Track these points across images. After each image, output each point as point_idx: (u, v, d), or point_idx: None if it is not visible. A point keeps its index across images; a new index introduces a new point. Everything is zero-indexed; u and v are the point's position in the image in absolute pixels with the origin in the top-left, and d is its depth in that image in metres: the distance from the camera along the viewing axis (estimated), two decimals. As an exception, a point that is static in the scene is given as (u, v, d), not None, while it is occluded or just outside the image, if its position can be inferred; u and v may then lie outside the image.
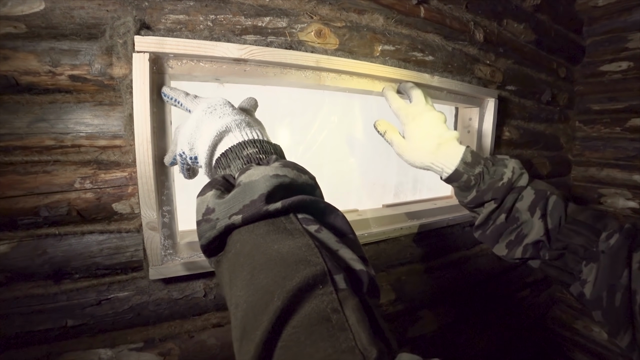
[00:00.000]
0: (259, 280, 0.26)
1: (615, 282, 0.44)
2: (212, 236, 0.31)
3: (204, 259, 0.59)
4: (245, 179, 0.33)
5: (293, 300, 0.23)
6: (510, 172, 0.55)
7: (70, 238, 0.53)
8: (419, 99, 0.62)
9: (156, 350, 0.59)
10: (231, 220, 0.30)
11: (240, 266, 0.28)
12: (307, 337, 0.22)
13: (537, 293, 1.44)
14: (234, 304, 0.27)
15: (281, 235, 0.29)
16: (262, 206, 0.30)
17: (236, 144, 0.39)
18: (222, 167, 0.39)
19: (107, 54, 0.52)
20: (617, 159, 1.36)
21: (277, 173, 0.33)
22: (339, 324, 0.22)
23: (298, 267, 0.25)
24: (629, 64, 1.29)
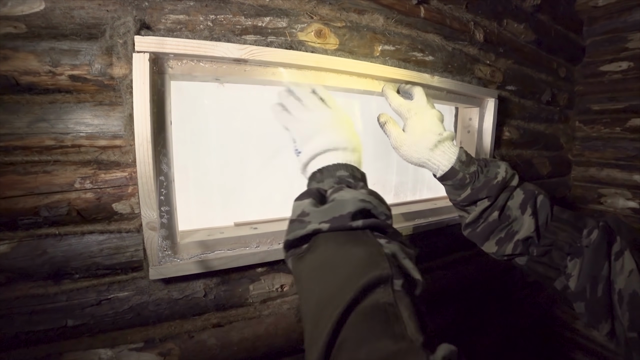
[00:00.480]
0: (338, 275, 0.33)
1: (597, 274, 0.48)
2: (300, 234, 0.38)
3: (204, 259, 0.59)
4: (338, 197, 0.40)
5: (361, 295, 0.30)
6: (503, 172, 0.57)
7: (70, 238, 0.53)
8: (420, 96, 0.64)
9: (156, 350, 0.59)
10: (320, 225, 0.38)
11: (322, 264, 0.35)
12: (367, 322, 0.29)
13: (538, 293, 1.44)
14: (314, 293, 0.33)
15: (358, 243, 0.36)
16: (347, 221, 0.37)
17: (332, 165, 0.47)
18: (317, 180, 0.47)
19: (107, 54, 0.52)
20: (617, 159, 1.36)
21: (364, 199, 0.40)
22: (394, 315, 0.29)
23: (369, 269, 0.32)
24: (629, 64, 1.29)
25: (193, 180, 0.68)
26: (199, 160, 0.68)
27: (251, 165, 0.74)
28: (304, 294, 0.36)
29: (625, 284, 0.45)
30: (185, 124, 0.65)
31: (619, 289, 0.46)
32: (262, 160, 0.75)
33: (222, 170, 0.71)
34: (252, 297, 0.68)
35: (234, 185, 0.73)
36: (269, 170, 0.76)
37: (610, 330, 0.47)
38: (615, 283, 0.46)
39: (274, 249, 0.66)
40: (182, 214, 0.62)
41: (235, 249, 0.64)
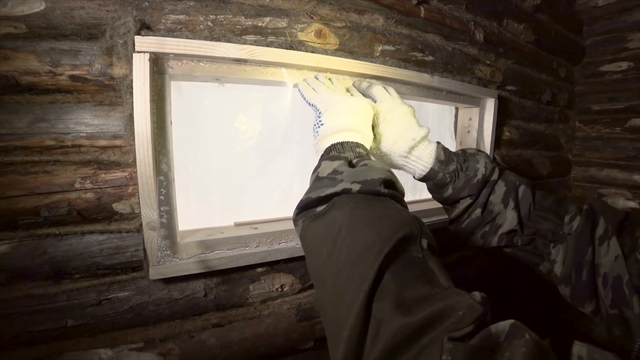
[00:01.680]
0: (374, 227, 0.34)
1: (582, 260, 0.50)
2: (328, 192, 0.39)
3: (204, 259, 0.59)
4: (370, 164, 0.42)
5: (397, 246, 0.32)
6: (483, 167, 0.57)
7: (70, 238, 0.53)
8: (382, 97, 0.59)
9: (156, 350, 0.60)
10: (351, 185, 0.39)
11: (355, 217, 0.36)
12: (406, 269, 0.31)
13: (537, 293, 1.44)
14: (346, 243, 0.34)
15: (386, 205, 0.38)
16: (377, 185, 0.39)
17: (353, 141, 0.50)
18: (337, 151, 0.48)
19: (107, 54, 0.52)
20: (617, 159, 1.36)
21: (390, 170, 0.43)
22: (426, 267, 0.32)
23: (403, 225, 0.35)
24: (629, 64, 1.29)
25: (193, 180, 0.68)
26: (199, 160, 0.68)
27: (251, 165, 0.74)
28: (325, 250, 0.36)
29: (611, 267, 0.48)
30: (185, 124, 0.65)
31: (604, 272, 0.48)
32: (262, 159, 0.75)
33: (222, 170, 0.71)
34: (252, 297, 0.69)
35: (234, 185, 0.73)
36: (269, 170, 0.76)
37: (594, 308, 0.50)
38: (601, 266, 0.49)
39: (274, 248, 0.66)
40: (182, 214, 0.63)
41: (235, 248, 0.64)
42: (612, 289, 0.47)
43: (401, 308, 0.27)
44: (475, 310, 0.27)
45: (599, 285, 0.49)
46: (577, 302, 0.51)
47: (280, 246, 0.67)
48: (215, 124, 0.69)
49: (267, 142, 0.75)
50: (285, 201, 0.79)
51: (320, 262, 0.36)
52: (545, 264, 0.55)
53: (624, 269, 0.46)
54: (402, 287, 0.29)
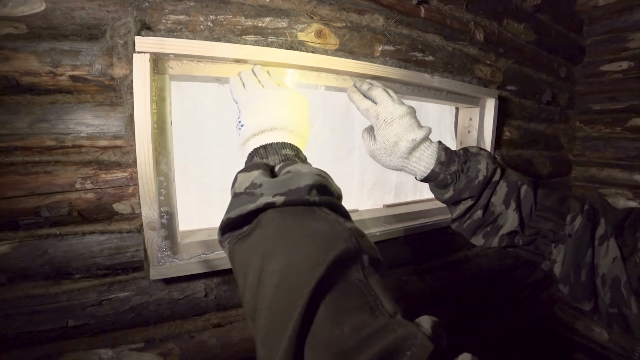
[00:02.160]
0: (302, 249, 0.29)
1: (581, 261, 0.50)
2: (249, 209, 0.34)
3: (205, 259, 0.59)
4: (294, 170, 0.37)
5: (331, 270, 0.27)
6: (484, 168, 0.56)
7: (70, 238, 0.53)
8: (383, 98, 0.58)
9: (157, 350, 0.60)
10: (274, 199, 0.34)
11: (280, 238, 0.31)
12: (343, 297, 0.27)
13: (538, 293, 1.44)
14: (269, 271, 0.29)
15: (317, 218, 0.33)
16: (304, 194, 0.34)
17: (277, 142, 0.44)
18: (260, 156, 0.44)
19: (107, 55, 0.52)
20: (618, 159, 1.36)
21: (320, 174, 0.38)
22: (367, 291, 0.27)
23: (337, 242, 0.30)
24: (630, 63, 1.29)
25: (193, 181, 0.68)
26: (199, 160, 0.68)
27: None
28: (251, 278, 0.31)
29: (609, 269, 0.48)
30: (186, 124, 0.65)
31: (602, 273, 0.49)
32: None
33: (222, 170, 0.71)
34: (253, 297, 0.68)
35: (234, 185, 0.73)
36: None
37: (593, 306, 0.50)
38: (599, 267, 0.49)
39: (274, 249, 0.66)
40: (182, 214, 0.62)
41: (235, 249, 0.64)
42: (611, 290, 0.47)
43: (339, 355, 0.23)
44: (424, 348, 0.22)
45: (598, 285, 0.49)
46: (576, 300, 0.52)
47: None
48: (216, 124, 0.69)
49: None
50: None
51: (248, 294, 0.31)
52: (547, 262, 0.55)
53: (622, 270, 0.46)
54: (339, 325, 0.25)
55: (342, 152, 0.86)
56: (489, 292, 1.19)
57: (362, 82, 0.66)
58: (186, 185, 0.66)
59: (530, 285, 1.39)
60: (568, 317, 1.53)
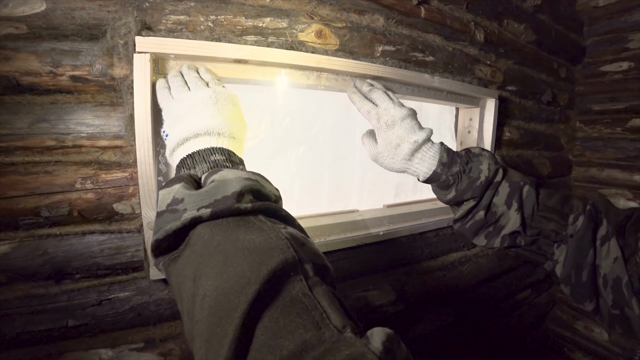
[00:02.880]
0: (232, 267, 0.26)
1: (582, 262, 0.50)
2: (174, 228, 0.30)
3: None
4: (219, 177, 0.33)
5: (268, 284, 0.25)
6: (486, 169, 0.56)
7: (71, 238, 0.53)
8: (383, 101, 0.58)
9: (157, 350, 0.60)
10: (199, 212, 0.30)
11: (209, 256, 0.28)
12: (284, 317, 0.24)
13: (538, 293, 1.44)
14: (200, 295, 0.26)
15: (251, 228, 0.30)
16: (233, 203, 0.31)
17: (204, 149, 0.40)
18: (187, 167, 0.40)
19: (108, 55, 0.52)
20: (618, 160, 1.36)
21: (249, 177, 0.34)
22: (312, 305, 0.25)
23: (272, 254, 0.27)
24: (630, 64, 1.29)
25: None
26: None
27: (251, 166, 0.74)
28: (186, 302, 0.28)
29: (610, 269, 0.48)
30: (186, 125, 0.65)
31: (604, 273, 0.49)
32: (262, 159, 0.75)
33: (222, 171, 0.71)
34: (253, 298, 0.68)
35: (234, 185, 0.73)
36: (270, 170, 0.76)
37: (595, 307, 0.50)
38: (601, 267, 0.49)
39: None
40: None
41: (235, 249, 0.64)
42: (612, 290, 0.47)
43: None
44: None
45: (600, 285, 0.49)
46: (578, 301, 0.52)
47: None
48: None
49: (267, 143, 0.75)
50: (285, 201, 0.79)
51: (184, 318, 0.28)
52: (549, 263, 0.55)
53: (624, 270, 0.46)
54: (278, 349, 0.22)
55: (342, 153, 0.86)
56: (489, 292, 1.18)
57: (362, 83, 0.65)
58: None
59: (530, 286, 1.39)
60: (568, 317, 1.52)
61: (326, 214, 0.83)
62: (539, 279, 1.43)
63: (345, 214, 0.84)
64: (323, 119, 0.81)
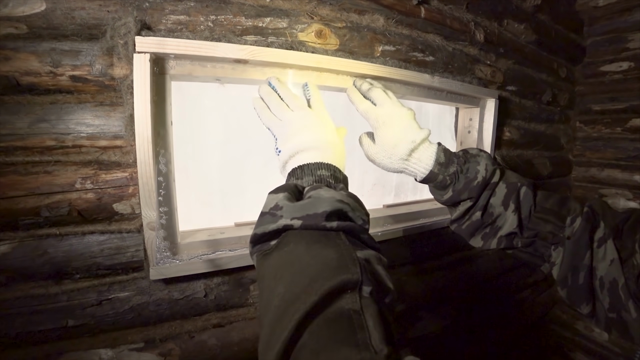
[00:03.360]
0: (303, 276, 0.31)
1: (579, 264, 0.50)
2: (269, 229, 0.36)
3: (205, 259, 0.59)
4: (315, 195, 0.38)
5: (325, 298, 0.28)
6: (483, 170, 0.56)
7: (71, 238, 0.53)
8: (382, 100, 0.58)
9: (157, 350, 0.60)
10: (292, 222, 0.35)
11: (290, 263, 0.33)
12: (329, 328, 0.27)
13: (538, 293, 1.44)
14: (276, 293, 0.31)
15: (329, 245, 0.34)
16: (321, 220, 0.35)
17: (313, 163, 0.46)
18: (296, 177, 0.45)
19: (108, 55, 0.52)
20: (618, 159, 1.36)
21: (341, 199, 0.38)
22: (358, 323, 0.27)
23: (338, 272, 0.30)
24: (630, 64, 1.29)
25: (194, 181, 0.68)
26: (199, 160, 0.68)
27: (252, 165, 0.74)
28: (265, 294, 0.33)
29: (607, 271, 0.47)
30: (186, 124, 0.65)
31: (600, 276, 0.48)
32: (262, 160, 0.75)
33: (222, 170, 0.71)
34: (253, 298, 0.68)
35: (234, 185, 0.73)
36: (270, 170, 0.76)
37: (590, 310, 0.50)
38: (597, 270, 0.49)
39: (274, 249, 0.66)
40: (182, 214, 0.63)
41: (236, 249, 0.64)
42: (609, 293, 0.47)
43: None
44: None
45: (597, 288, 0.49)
46: (574, 304, 0.51)
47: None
48: (216, 124, 0.69)
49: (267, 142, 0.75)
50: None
51: (261, 307, 0.34)
52: (546, 265, 0.55)
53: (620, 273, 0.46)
54: (317, 354, 0.25)
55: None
56: (489, 293, 1.18)
57: (362, 81, 0.65)
58: (186, 185, 0.66)
59: (530, 286, 1.39)
60: (568, 318, 1.52)
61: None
62: (539, 279, 1.43)
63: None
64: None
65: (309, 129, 0.48)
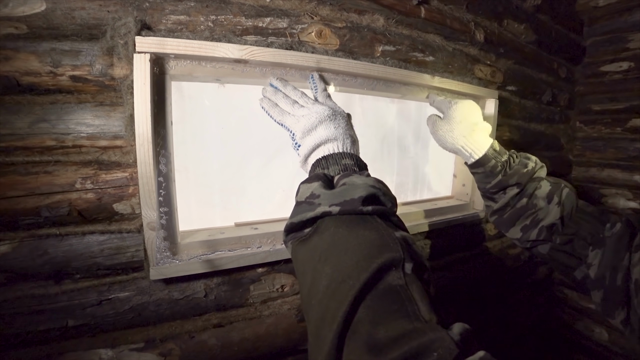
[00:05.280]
0: (350, 255, 0.33)
1: (618, 264, 0.49)
2: (308, 217, 0.38)
3: (205, 259, 0.59)
4: (349, 182, 0.41)
5: (375, 276, 0.30)
6: (533, 163, 0.62)
7: (71, 238, 0.53)
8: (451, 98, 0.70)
9: (157, 350, 0.60)
10: (330, 208, 0.38)
11: (334, 244, 0.35)
12: (382, 301, 0.29)
13: (539, 294, 1.44)
14: (324, 273, 0.33)
15: (369, 227, 0.36)
16: (358, 205, 0.37)
17: (337, 153, 0.48)
18: (322, 167, 0.47)
19: (108, 55, 0.52)
20: (618, 160, 1.36)
21: (374, 185, 0.41)
22: (407, 296, 0.30)
23: (382, 251, 0.33)
24: (630, 64, 1.29)
25: (194, 181, 0.68)
26: (199, 160, 0.68)
27: (252, 165, 0.74)
28: (308, 276, 0.35)
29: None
30: (186, 124, 0.65)
31: (635, 279, 0.47)
32: (262, 160, 0.75)
33: (222, 171, 0.71)
34: (253, 298, 0.69)
35: (234, 185, 0.73)
36: (270, 170, 0.76)
37: (625, 317, 0.49)
38: (632, 273, 0.48)
39: (274, 249, 0.66)
40: (182, 215, 0.63)
41: (236, 249, 0.64)
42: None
43: (373, 350, 0.26)
44: (450, 351, 0.24)
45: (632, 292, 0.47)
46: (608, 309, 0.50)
47: (281, 247, 0.67)
48: (216, 124, 0.69)
49: (268, 142, 0.75)
50: (286, 201, 0.79)
51: (305, 290, 0.36)
52: (582, 267, 0.55)
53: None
54: (376, 325, 0.27)
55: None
56: (490, 293, 1.18)
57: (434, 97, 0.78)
58: (186, 185, 0.66)
59: (530, 286, 1.39)
60: (568, 318, 1.53)
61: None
62: (539, 279, 1.43)
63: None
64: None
65: (325, 122, 0.50)
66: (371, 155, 0.91)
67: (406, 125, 0.96)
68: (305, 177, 0.46)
